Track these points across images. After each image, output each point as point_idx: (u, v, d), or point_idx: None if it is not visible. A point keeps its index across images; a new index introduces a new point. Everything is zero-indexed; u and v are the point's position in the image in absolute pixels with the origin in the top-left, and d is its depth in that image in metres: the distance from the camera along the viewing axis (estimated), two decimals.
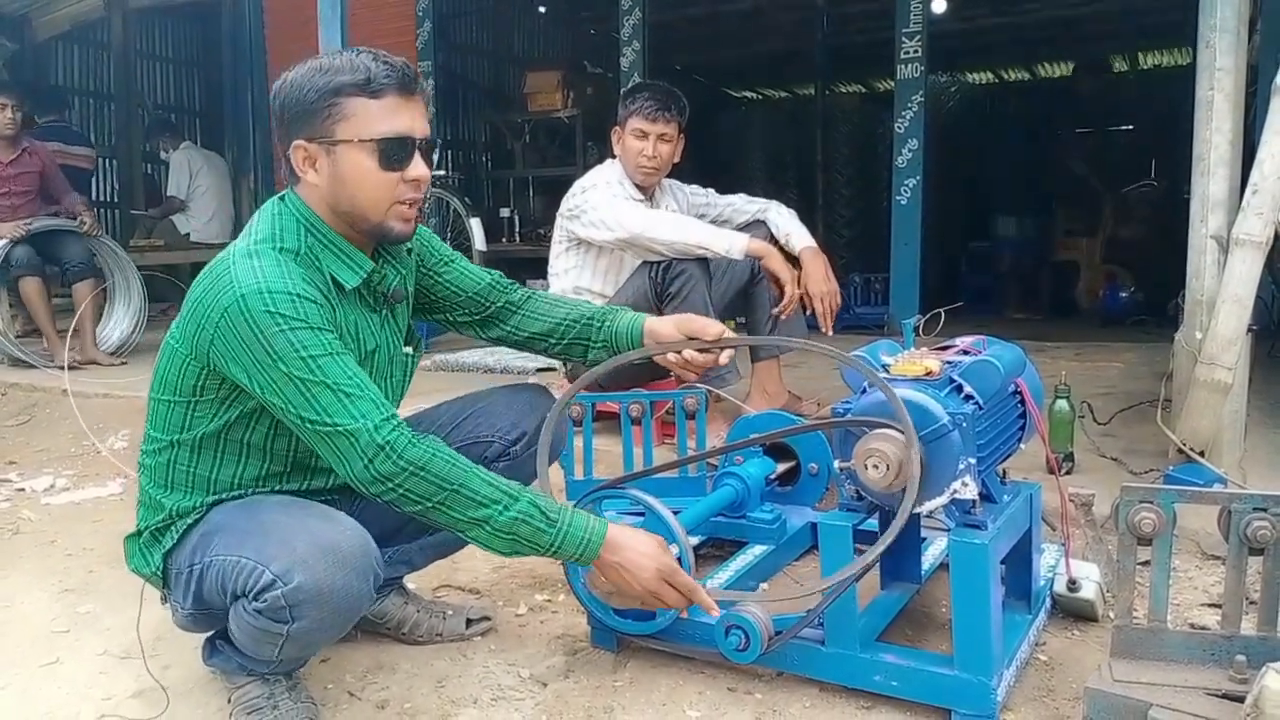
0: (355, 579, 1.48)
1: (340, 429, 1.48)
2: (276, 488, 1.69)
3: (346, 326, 1.63)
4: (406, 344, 1.80)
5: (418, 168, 1.60)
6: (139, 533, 1.71)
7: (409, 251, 1.78)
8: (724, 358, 1.85)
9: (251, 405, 1.59)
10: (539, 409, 1.89)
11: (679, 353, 1.83)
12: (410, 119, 1.58)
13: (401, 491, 1.49)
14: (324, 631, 1.53)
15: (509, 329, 1.93)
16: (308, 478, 1.72)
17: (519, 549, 1.55)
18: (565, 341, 1.91)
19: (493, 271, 1.94)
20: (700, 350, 1.82)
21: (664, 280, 2.91)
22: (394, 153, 1.57)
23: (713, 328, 1.82)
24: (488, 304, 1.91)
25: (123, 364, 5.01)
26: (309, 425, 1.49)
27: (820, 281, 3.02)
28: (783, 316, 3.06)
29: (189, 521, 1.63)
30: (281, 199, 1.65)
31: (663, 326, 1.86)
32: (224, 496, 1.65)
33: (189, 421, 1.62)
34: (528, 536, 1.54)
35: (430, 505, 1.51)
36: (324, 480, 1.72)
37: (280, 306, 1.48)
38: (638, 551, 1.61)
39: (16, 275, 4.89)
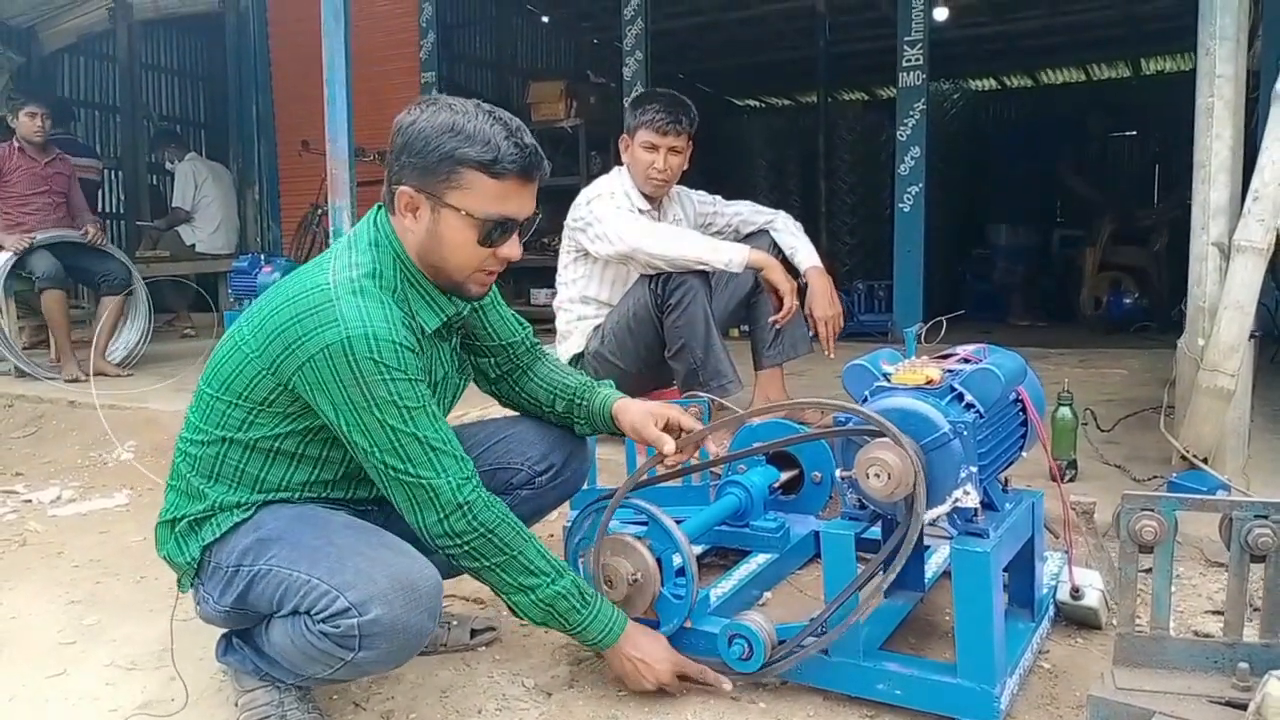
0: (427, 619, 1.51)
1: (424, 482, 1.54)
2: (323, 494, 1.70)
3: (427, 358, 1.66)
4: (458, 370, 1.85)
5: (512, 247, 1.64)
6: (173, 520, 1.69)
7: None
8: (712, 445, 1.87)
9: (316, 423, 1.60)
10: (569, 442, 1.93)
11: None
12: (520, 203, 1.61)
13: (467, 549, 1.57)
14: (385, 664, 1.55)
15: (519, 389, 1.94)
16: (353, 487, 1.73)
17: (549, 621, 1.65)
18: (558, 414, 1.93)
19: (525, 325, 1.95)
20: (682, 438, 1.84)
21: (664, 291, 2.92)
22: (495, 233, 1.60)
23: (667, 444, 1.79)
24: (515, 362, 1.93)
25: (129, 375, 5.04)
26: (392, 472, 1.54)
27: (825, 305, 3.04)
28: (778, 325, 3.07)
29: (235, 518, 1.63)
30: (375, 223, 1.66)
31: (628, 412, 1.87)
32: (271, 497, 1.66)
33: (247, 425, 1.63)
34: (563, 611, 1.64)
35: (487, 565, 1.59)
36: (367, 491, 1.72)
37: (385, 355, 1.50)
38: (655, 647, 1.72)
39: (42, 288, 4.96)
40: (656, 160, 3.04)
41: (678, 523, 1.77)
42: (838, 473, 1.70)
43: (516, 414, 1.99)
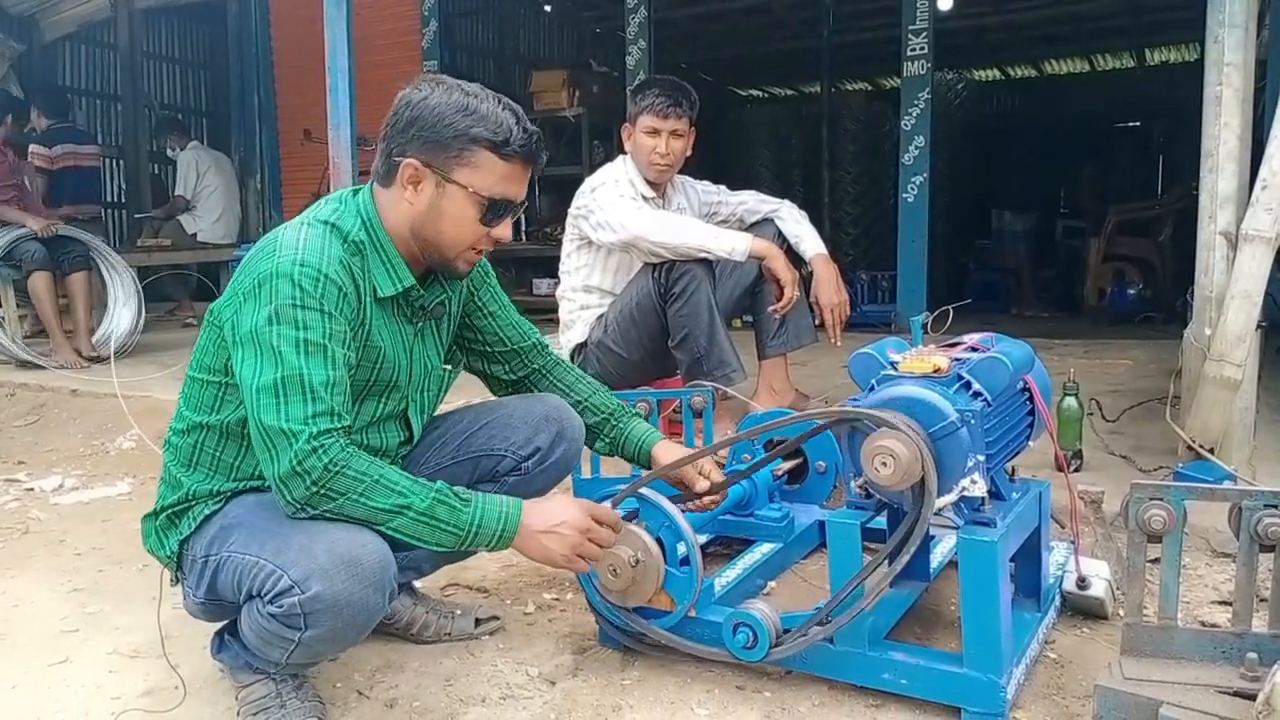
0: (372, 593, 1.48)
1: (286, 428, 1.46)
2: None
3: (374, 326, 1.63)
4: (446, 361, 1.83)
5: (505, 228, 1.68)
6: (156, 513, 1.70)
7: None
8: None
9: None
10: (555, 422, 1.86)
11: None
12: (520, 186, 1.66)
13: (324, 489, 1.47)
14: (335, 642, 1.53)
15: (539, 390, 1.96)
16: None
17: (441, 537, 1.53)
18: (585, 423, 1.93)
19: (534, 330, 1.97)
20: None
21: (667, 280, 2.90)
22: (497, 212, 1.63)
23: (700, 485, 1.89)
24: (529, 365, 1.95)
25: (105, 359, 5.03)
26: (260, 410, 1.47)
27: (830, 291, 3.03)
28: (776, 315, 3.06)
29: (207, 510, 1.63)
30: (355, 193, 1.68)
31: (668, 457, 1.89)
32: (244, 486, 1.65)
33: (219, 404, 1.62)
34: (447, 518, 1.52)
35: (352, 499, 1.48)
36: None
37: (304, 280, 1.50)
38: (559, 505, 1.63)
39: (31, 269, 5.00)
40: (659, 145, 3.03)
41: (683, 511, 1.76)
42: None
43: (496, 399, 1.96)
